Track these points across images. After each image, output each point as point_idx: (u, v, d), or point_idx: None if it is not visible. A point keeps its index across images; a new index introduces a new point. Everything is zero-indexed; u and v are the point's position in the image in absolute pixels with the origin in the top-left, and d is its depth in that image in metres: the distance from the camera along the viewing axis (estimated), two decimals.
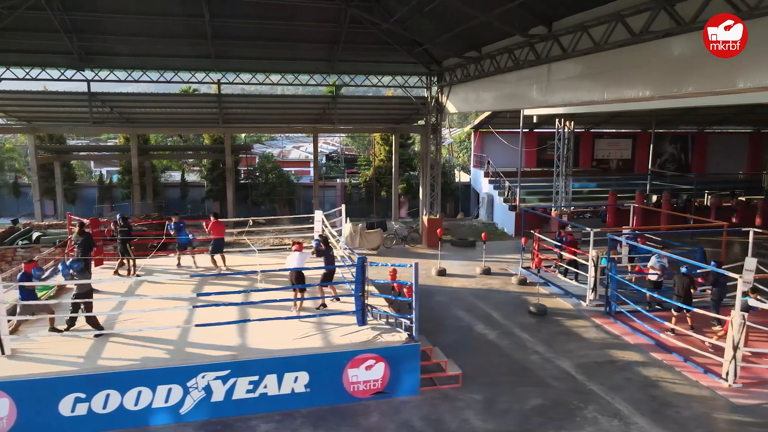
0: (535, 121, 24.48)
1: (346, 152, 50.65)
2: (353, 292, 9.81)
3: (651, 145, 28.50)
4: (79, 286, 9.49)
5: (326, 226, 14.21)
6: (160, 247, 14.95)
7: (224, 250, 13.68)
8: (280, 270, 11.04)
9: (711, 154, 31.78)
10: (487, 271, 17.31)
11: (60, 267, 9.89)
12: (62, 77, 18.12)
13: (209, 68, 19.09)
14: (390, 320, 9.89)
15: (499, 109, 23.99)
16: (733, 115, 28.53)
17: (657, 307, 13.23)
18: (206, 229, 13.78)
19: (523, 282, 16.09)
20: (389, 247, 20.91)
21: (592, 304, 14.08)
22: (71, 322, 9.64)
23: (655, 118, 26.86)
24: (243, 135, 51.99)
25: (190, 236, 13.82)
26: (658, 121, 28.92)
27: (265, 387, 8.72)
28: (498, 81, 15.98)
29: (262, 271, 10.81)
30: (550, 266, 16.98)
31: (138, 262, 13.82)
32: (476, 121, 29.27)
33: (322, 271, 10.67)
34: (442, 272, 17.17)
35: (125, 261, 13.26)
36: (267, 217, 23.58)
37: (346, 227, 19.90)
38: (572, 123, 22.14)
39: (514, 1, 11.79)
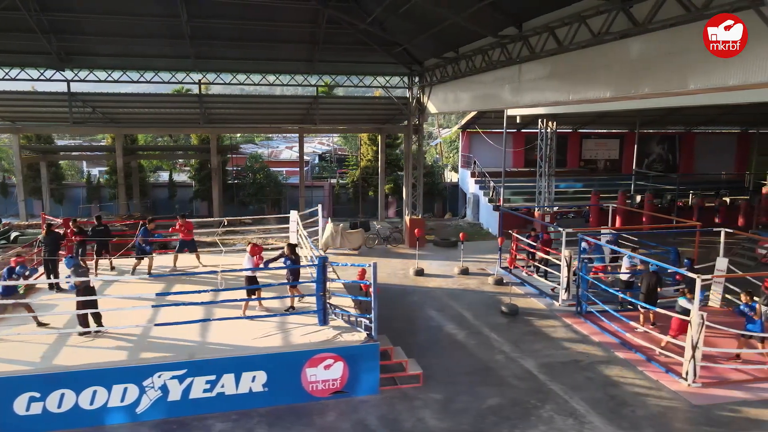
0: (518, 121, 24.52)
1: (340, 152, 50.77)
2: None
3: (635, 146, 28.55)
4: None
5: (299, 226, 14.23)
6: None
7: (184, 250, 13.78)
8: (238, 270, 11.06)
9: (699, 154, 31.81)
10: (464, 271, 17.36)
11: (65, 261, 10.56)
12: (42, 77, 18.16)
13: (190, 68, 19.13)
14: (351, 319, 9.93)
15: (475, 110, 24.10)
16: (718, 115, 28.58)
17: (629, 307, 13.28)
18: (183, 230, 13.76)
19: (499, 282, 16.13)
20: (371, 247, 20.94)
21: (564, 304, 14.12)
22: (83, 322, 9.52)
23: (639, 118, 26.91)
24: (238, 135, 52.13)
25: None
26: (645, 122, 28.98)
27: (223, 386, 8.75)
28: (474, 81, 16.03)
29: (222, 271, 10.88)
30: (528, 267, 17.02)
31: (115, 262, 13.84)
32: (463, 121, 29.31)
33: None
34: (419, 272, 17.21)
35: (96, 261, 13.25)
36: (250, 217, 23.62)
37: (328, 227, 19.95)
38: (554, 123, 22.18)
39: (483, 0, 11.83)
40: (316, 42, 18.39)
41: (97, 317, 9.61)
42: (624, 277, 13.46)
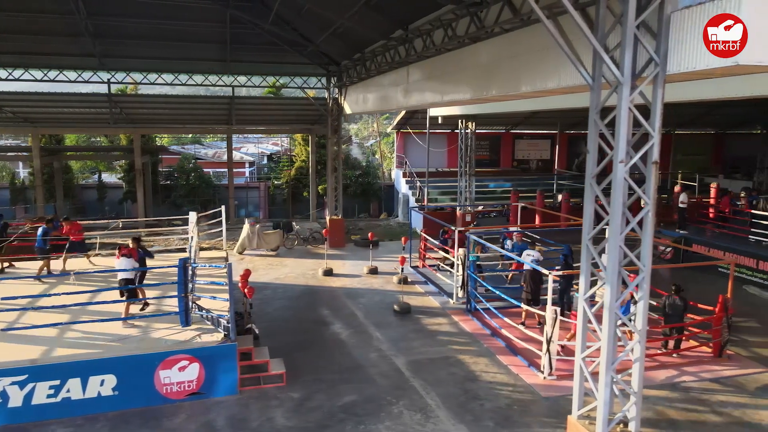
0: (440, 122, 24.84)
1: (289, 153, 50.41)
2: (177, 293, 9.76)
3: (562, 147, 29.32)
4: None
5: (195, 227, 14.10)
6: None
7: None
8: (95, 272, 10.91)
9: None
10: (373, 271, 17.48)
11: None
12: None
13: (96, 67, 18.72)
14: (214, 321, 9.89)
15: (377, 110, 24.48)
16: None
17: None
18: (72, 232, 13.47)
19: (403, 281, 16.30)
20: (290, 248, 20.86)
21: (459, 302, 14.38)
22: None
23: (560, 120, 27.63)
24: (190, 135, 50.95)
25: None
26: (573, 122, 29.76)
27: (68, 391, 8.59)
28: (376, 83, 16.23)
29: (75, 273, 10.69)
30: (434, 266, 17.29)
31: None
32: (395, 122, 29.55)
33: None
34: (328, 272, 17.25)
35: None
36: (180, 217, 23.25)
37: (244, 228, 19.82)
38: (474, 124, 22.57)
39: (360, 1, 11.93)
40: (226, 42, 18.24)
41: None
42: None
